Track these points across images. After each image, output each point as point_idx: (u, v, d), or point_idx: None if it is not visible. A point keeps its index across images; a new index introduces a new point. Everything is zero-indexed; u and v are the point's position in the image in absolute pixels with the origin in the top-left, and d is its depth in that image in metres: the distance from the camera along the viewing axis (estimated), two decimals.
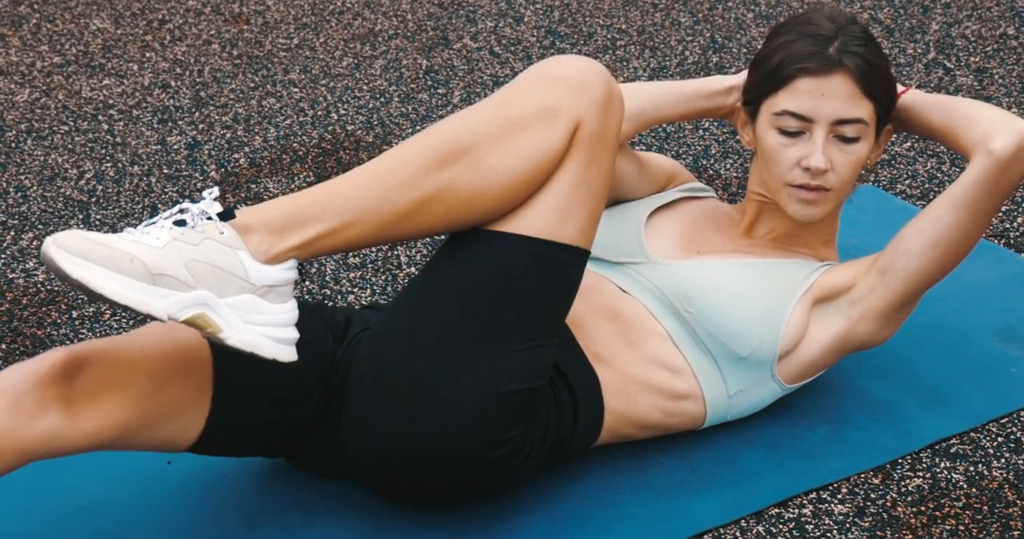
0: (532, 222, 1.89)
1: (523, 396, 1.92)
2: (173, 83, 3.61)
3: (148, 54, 3.79)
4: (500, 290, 1.90)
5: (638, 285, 2.16)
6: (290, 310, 1.84)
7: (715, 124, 3.34)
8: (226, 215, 1.80)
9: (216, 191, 1.82)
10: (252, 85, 3.60)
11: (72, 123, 3.41)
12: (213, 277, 1.77)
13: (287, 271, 1.82)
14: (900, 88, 2.13)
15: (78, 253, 1.69)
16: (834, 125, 2.07)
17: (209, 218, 1.79)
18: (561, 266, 1.92)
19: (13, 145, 3.30)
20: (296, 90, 3.56)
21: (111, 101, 3.52)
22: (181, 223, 1.78)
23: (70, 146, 3.29)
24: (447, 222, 1.89)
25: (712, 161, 3.17)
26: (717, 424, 2.21)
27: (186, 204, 1.81)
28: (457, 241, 1.93)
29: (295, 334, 1.84)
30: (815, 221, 2.16)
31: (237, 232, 1.79)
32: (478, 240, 1.91)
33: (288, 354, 1.83)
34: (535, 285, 1.90)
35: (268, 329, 1.81)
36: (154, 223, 1.79)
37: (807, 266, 2.15)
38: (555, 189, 1.89)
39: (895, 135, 3.22)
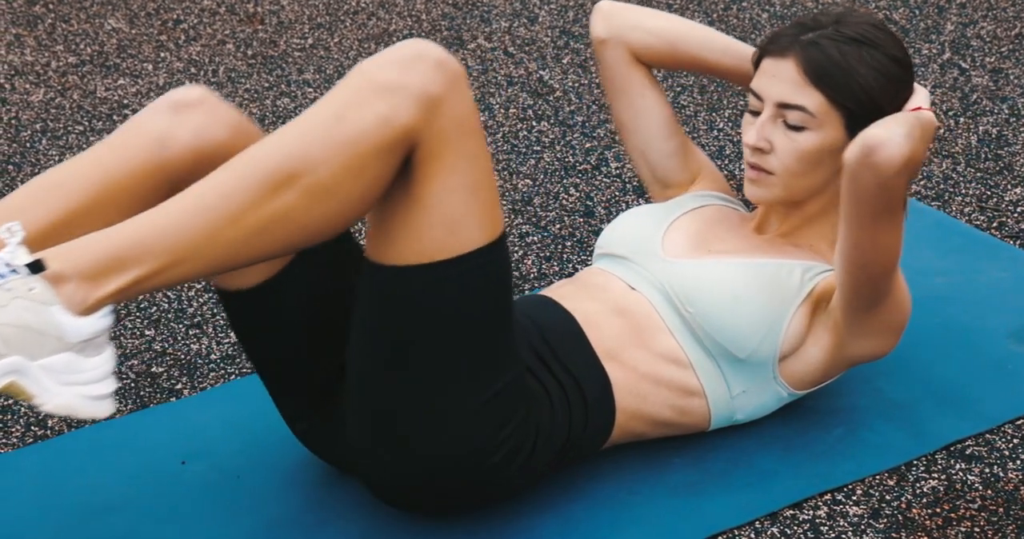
0: (430, 245, 1.81)
1: (501, 398, 1.91)
2: (188, 83, 3.62)
3: (163, 54, 3.80)
4: (432, 323, 1.85)
5: (645, 282, 2.16)
6: (107, 361, 1.71)
7: (729, 125, 3.33)
8: (35, 266, 1.64)
9: (19, 232, 1.66)
10: (267, 85, 3.60)
11: (87, 123, 3.42)
12: (24, 340, 1.63)
13: (102, 319, 1.68)
14: (916, 104, 2.09)
15: None
16: (778, 108, 2.08)
17: (15, 272, 1.63)
18: (479, 271, 1.85)
19: (28, 145, 3.31)
20: (310, 90, 3.57)
21: (126, 101, 3.53)
22: None
23: (85, 146, 3.30)
24: (286, 248, 1.78)
25: (727, 162, 3.17)
26: (725, 426, 2.20)
27: None
28: (367, 284, 1.88)
29: (113, 386, 1.72)
30: (796, 209, 2.17)
31: (49, 285, 1.64)
32: (386, 280, 1.84)
33: (105, 410, 1.71)
34: (465, 299, 1.85)
35: (84, 388, 1.69)
36: None
37: (813, 269, 2.15)
38: (436, 205, 1.79)
39: None
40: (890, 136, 1.86)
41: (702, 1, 4.07)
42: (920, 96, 2.07)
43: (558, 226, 2.93)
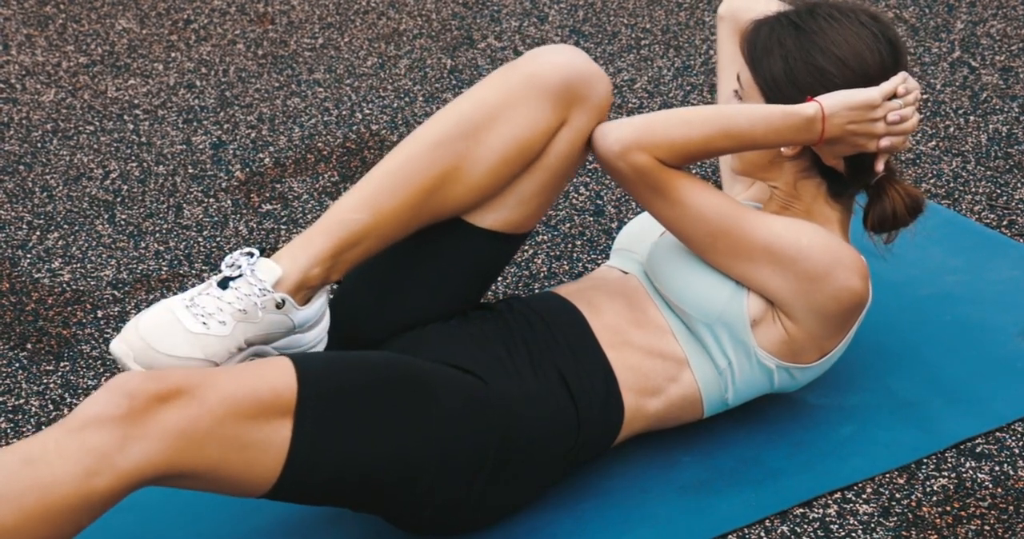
0: (262, 481, 1.83)
1: (447, 457, 1.93)
2: (198, 83, 3.62)
3: (173, 54, 3.81)
4: (349, 488, 1.90)
5: (634, 264, 2.24)
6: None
7: None
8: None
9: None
10: (277, 85, 3.61)
11: (98, 123, 3.42)
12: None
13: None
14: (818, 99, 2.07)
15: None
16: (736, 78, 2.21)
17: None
18: (319, 430, 1.84)
19: (39, 145, 3.32)
20: (321, 90, 3.57)
21: (136, 101, 3.53)
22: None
23: (95, 146, 3.30)
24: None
25: None
26: (722, 410, 2.19)
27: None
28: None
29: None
30: (770, 184, 2.21)
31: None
32: (287, 496, 1.88)
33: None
34: (343, 453, 1.86)
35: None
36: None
37: None
38: (219, 484, 1.81)
39: (917, 134, 3.22)
40: (611, 127, 2.06)
41: (712, 0, 4.06)
42: (838, 94, 2.04)
43: (568, 225, 2.93)
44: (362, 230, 1.97)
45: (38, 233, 2.93)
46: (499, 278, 2.72)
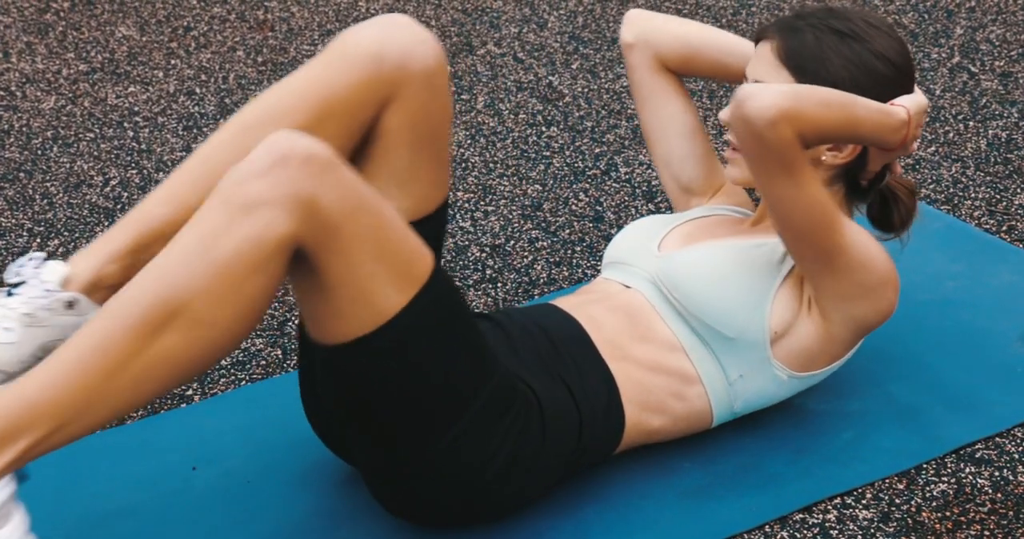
0: (354, 322, 1.79)
1: (480, 422, 1.92)
2: (198, 90, 3.63)
3: (173, 61, 3.81)
4: (388, 389, 1.85)
5: (638, 278, 2.20)
6: (18, 525, 1.70)
7: None
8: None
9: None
10: None
11: (98, 130, 3.43)
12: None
13: (4, 488, 1.67)
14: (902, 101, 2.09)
15: None
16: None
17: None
18: (412, 330, 1.82)
19: (39, 152, 3.32)
20: None
21: (136, 108, 3.54)
22: None
23: (96, 153, 3.31)
24: (177, 383, 1.73)
25: None
26: (729, 420, 2.20)
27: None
28: (318, 362, 1.89)
29: None
30: (745, 184, 2.18)
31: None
32: (330, 359, 1.84)
33: None
34: (410, 361, 1.84)
35: None
36: None
37: None
38: (343, 285, 1.76)
39: (919, 140, 3.22)
40: (761, 89, 1.90)
41: (711, 7, 4.07)
42: (910, 98, 2.07)
43: (567, 231, 2.93)
44: (162, 225, 1.82)
45: (39, 240, 2.93)
46: (498, 284, 2.73)
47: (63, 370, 1.65)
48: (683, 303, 2.11)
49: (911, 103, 2.05)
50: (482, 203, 3.05)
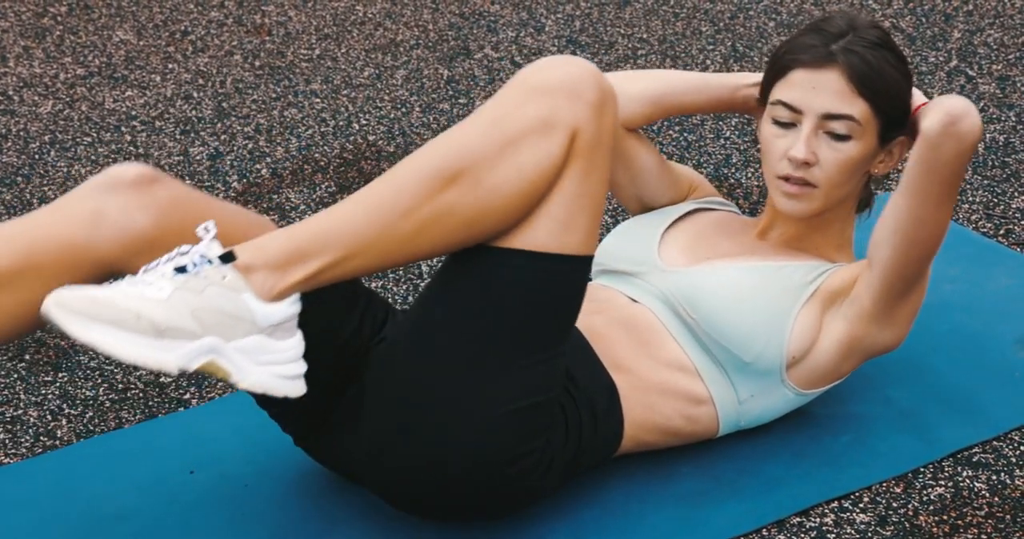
0: (536, 236, 1.87)
1: (538, 408, 1.92)
2: (195, 94, 3.63)
3: (170, 65, 3.81)
4: (509, 307, 1.88)
5: (646, 293, 2.17)
6: (296, 344, 1.84)
7: (736, 133, 3.34)
8: (227, 257, 1.77)
9: (213, 229, 1.79)
10: (274, 96, 3.61)
11: (95, 134, 3.43)
12: (220, 323, 1.75)
13: (291, 306, 1.81)
14: (922, 100, 2.10)
15: (82, 314, 1.68)
16: (823, 119, 2.07)
17: (210, 262, 1.77)
18: (568, 277, 1.90)
19: (37, 156, 3.32)
20: (318, 100, 3.58)
21: (134, 112, 3.54)
22: (182, 269, 1.75)
23: (93, 157, 3.31)
24: (449, 245, 1.86)
25: (734, 170, 3.17)
26: (731, 432, 2.20)
27: (185, 246, 1.79)
28: (462, 259, 1.91)
29: (303, 368, 1.85)
30: (807, 218, 2.17)
31: (240, 274, 1.77)
32: (484, 257, 1.89)
33: (298, 389, 1.84)
34: (544, 299, 1.89)
35: (277, 367, 1.82)
36: (154, 268, 1.77)
37: (816, 269, 2.15)
38: (557, 200, 1.86)
39: None
40: (970, 106, 1.92)
41: (708, 10, 4.07)
42: (918, 95, 2.10)
43: None
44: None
45: None
46: None
47: (358, 207, 1.83)
48: (701, 324, 2.09)
49: (922, 99, 2.10)
50: None
